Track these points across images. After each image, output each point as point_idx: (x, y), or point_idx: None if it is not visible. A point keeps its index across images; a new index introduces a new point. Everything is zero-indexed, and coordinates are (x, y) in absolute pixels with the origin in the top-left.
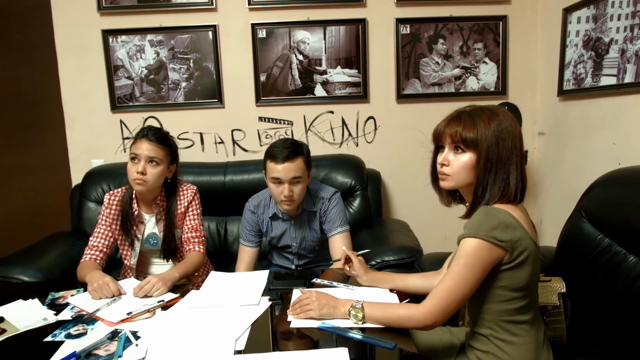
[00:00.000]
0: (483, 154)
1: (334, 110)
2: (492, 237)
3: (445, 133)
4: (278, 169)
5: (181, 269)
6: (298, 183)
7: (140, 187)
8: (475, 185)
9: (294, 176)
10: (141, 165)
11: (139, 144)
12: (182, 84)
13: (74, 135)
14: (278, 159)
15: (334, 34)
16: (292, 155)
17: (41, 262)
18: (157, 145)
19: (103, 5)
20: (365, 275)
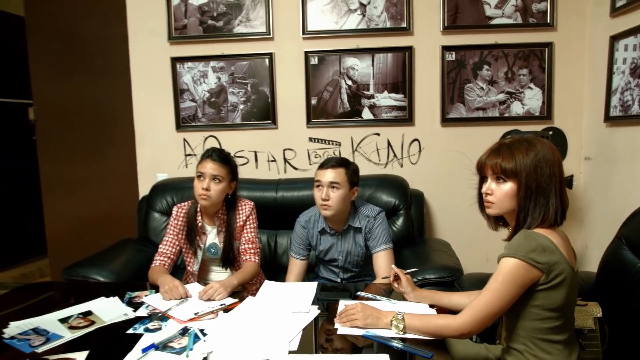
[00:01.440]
0: (523, 182)
1: (380, 133)
2: (530, 259)
3: (487, 165)
4: (320, 174)
5: (239, 277)
6: (336, 189)
7: (205, 202)
8: (517, 212)
9: (332, 181)
10: (206, 183)
11: (204, 163)
12: (240, 106)
13: (142, 151)
14: (323, 167)
15: (381, 60)
16: (336, 164)
17: (113, 265)
18: (220, 165)
19: (173, 36)
20: (413, 293)
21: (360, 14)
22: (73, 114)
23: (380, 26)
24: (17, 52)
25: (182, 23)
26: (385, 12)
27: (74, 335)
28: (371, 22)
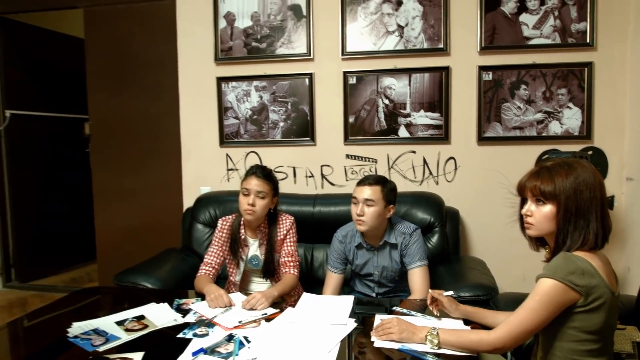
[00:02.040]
0: (562, 205)
1: (416, 150)
2: (568, 281)
3: (526, 187)
4: (357, 190)
5: (279, 288)
6: (371, 206)
7: (250, 216)
8: (556, 234)
9: (367, 198)
10: (251, 198)
11: (249, 180)
12: (280, 123)
13: (187, 165)
14: (361, 184)
15: (418, 80)
16: (373, 182)
17: (159, 273)
18: (264, 181)
19: (219, 57)
20: (457, 310)
21: (398, 36)
22: (124, 128)
23: (418, 47)
24: (76, 71)
25: (227, 45)
26: (422, 34)
27: (130, 337)
28: (409, 43)
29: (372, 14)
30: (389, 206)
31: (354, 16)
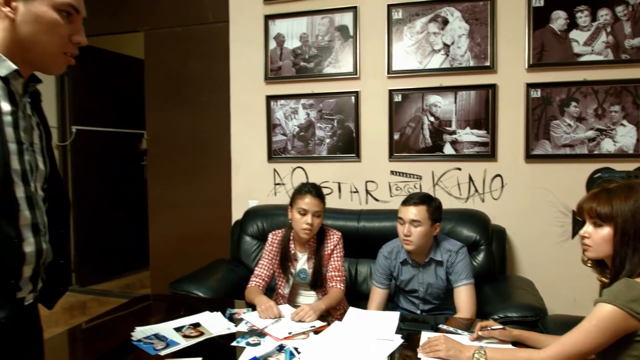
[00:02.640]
0: (619, 228)
1: (461, 167)
2: (629, 308)
3: (584, 208)
4: (402, 210)
5: (326, 302)
6: (417, 226)
7: (307, 235)
8: (613, 257)
9: (413, 219)
10: (309, 218)
11: (306, 200)
12: (326, 140)
13: (237, 179)
14: (405, 204)
15: (464, 98)
16: (418, 202)
17: (210, 282)
18: (320, 201)
19: (268, 76)
20: (511, 334)
21: (444, 54)
22: (178, 143)
23: (464, 65)
24: (136, 89)
25: (277, 65)
26: (468, 52)
27: (188, 344)
28: (454, 61)
29: (418, 33)
30: (435, 224)
31: (399, 36)
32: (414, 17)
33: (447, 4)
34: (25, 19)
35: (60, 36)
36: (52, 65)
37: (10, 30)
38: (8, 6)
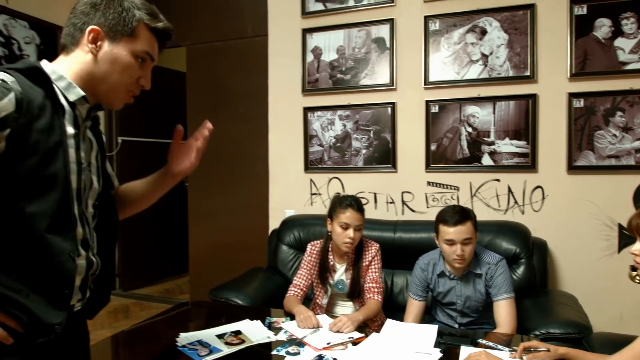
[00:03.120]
0: None
1: (500, 179)
2: None
3: (633, 225)
4: (451, 232)
5: (364, 313)
6: (469, 244)
7: (348, 249)
8: None
9: (466, 237)
10: (351, 232)
11: (347, 213)
12: (362, 151)
13: (274, 189)
14: (450, 223)
15: (503, 108)
16: (463, 219)
17: (248, 290)
18: (361, 215)
19: (306, 89)
20: (557, 353)
21: (482, 64)
22: (217, 153)
23: (503, 75)
24: (177, 101)
25: (314, 77)
26: (507, 62)
27: (230, 351)
28: (493, 71)
29: (456, 43)
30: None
31: (437, 47)
32: (451, 27)
33: (485, 14)
34: (105, 58)
35: (130, 77)
36: (115, 101)
37: (89, 64)
38: (94, 43)
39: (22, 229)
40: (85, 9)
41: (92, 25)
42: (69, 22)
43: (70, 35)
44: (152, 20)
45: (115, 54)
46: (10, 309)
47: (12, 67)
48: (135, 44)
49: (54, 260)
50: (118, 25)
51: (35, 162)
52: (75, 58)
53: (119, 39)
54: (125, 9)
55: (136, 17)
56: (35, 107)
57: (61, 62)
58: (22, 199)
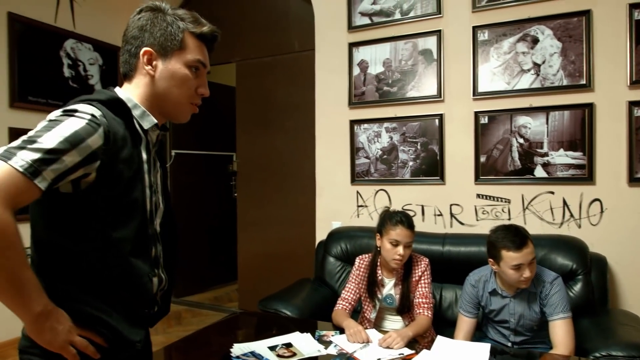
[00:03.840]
0: None
1: (554, 191)
2: None
3: None
4: (518, 257)
5: (414, 329)
6: (533, 262)
7: (397, 265)
8: None
9: (532, 258)
10: (401, 249)
11: (397, 230)
12: (410, 163)
13: (321, 201)
14: (514, 248)
15: (557, 118)
16: (525, 239)
17: (296, 301)
18: (412, 232)
19: (352, 102)
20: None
21: (534, 74)
22: (265, 165)
23: (556, 84)
24: (227, 114)
25: (360, 90)
26: (561, 70)
27: None
28: (546, 80)
29: (506, 53)
30: None
31: (486, 57)
32: (501, 37)
33: (536, 23)
34: (162, 75)
35: (189, 89)
36: (181, 115)
37: (150, 85)
38: (150, 64)
39: (108, 254)
40: (135, 33)
41: (144, 48)
42: (124, 49)
43: (127, 63)
44: (196, 27)
45: (171, 69)
46: (97, 327)
47: (94, 99)
48: (186, 54)
49: (136, 281)
50: (167, 41)
51: (120, 191)
52: (137, 83)
53: (170, 54)
54: (169, 23)
55: (180, 27)
56: (119, 139)
57: (128, 89)
58: (108, 226)
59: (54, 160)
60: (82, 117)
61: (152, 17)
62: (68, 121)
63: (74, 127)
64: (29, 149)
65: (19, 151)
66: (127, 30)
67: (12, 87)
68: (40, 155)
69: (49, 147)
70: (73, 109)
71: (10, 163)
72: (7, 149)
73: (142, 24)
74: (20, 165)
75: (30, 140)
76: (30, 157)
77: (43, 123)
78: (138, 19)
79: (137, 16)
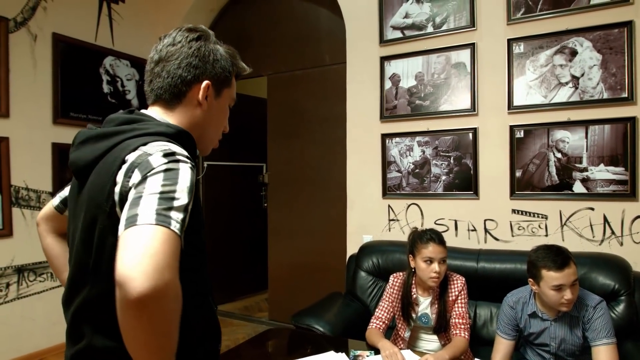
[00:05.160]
0: None
1: (594, 207)
2: None
3: None
4: (559, 276)
5: (450, 351)
6: (575, 284)
7: (435, 283)
8: None
9: (575, 279)
10: (436, 266)
11: (430, 247)
12: (442, 177)
13: (352, 214)
14: (555, 268)
15: (597, 132)
16: (567, 259)
17: (328, 316)
18: (444, 247)
19: (384, 115)
20: None
21: (573, 87)
22: (295, 176)
23: (596, 98)
24: (257, 126)
25: (392, 104)
26: (601, 83)
27: None
28: (585, 93)
29: (542, 66)
30: None
31: (521, 70)
32: (537, 50)
33: (575, 35)
34: (211, 110)
35: (222, 126)
36: (208, 149)
37: (196, 117)
38: (205, 98)
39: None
40: (195, 62)
41: (205, 80)
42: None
43: (176, 88)
44: (241, 65)
45: (220, 106)
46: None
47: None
48: (231, 91)
49: (212, 319)
50: (223, 77)
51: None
52: (183, 112)
53: (222, 90)
54: (225, 59)
55: (233, 65)
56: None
57: (169, 116)
58: (191, 266)
59: (187, 216)
60: (186, 161)
61: (213, 49)
62: (182, 169)
63: (188, 175)
64: (175, 208)
65: (170, 212)
66: (177, 53)
67: (56, 104)
68: (183, 213)
69: (185, 203)
70: (171, 152)
71: (172, 228)
72: (159, 212)
73: (203, 54)
74: (177, 229)
75: (170, 197)
76: (180, 217)
77: (160, 175)
78: (197, 47)
79: (194, 43)
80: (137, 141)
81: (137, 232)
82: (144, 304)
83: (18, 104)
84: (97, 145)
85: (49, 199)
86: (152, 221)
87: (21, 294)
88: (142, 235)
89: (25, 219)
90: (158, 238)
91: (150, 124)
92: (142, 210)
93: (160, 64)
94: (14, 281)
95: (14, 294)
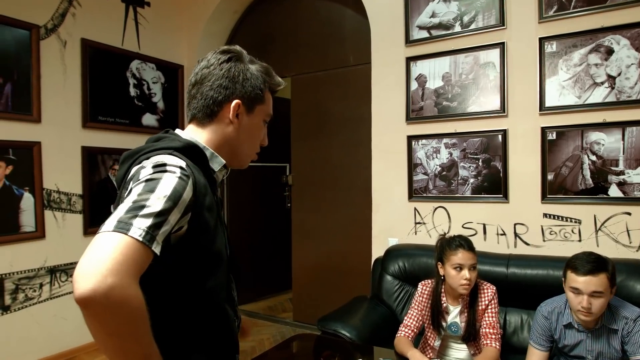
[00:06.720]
0: None
1: (631, 212)
2: None
3: None
4: (579, 281)
5: None
6: (598, 297)
7: (466, 290)
8: None
9: (594, 290)
10: (467, 273)
11: (459, 255)
12: (470, 180)
13: (377, 216)
14: (579, 271)
15: (634, 134)
16: (596, 270)
17: (354, 321)
18: (473, 254)
19: (410, 117)
20: None
21: (608, 87)
22: (319, 177)
23: (634, 98)
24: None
25: (418, 105)
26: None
27: None
28: (622, 94)
29: (576, 65)
30: (612, 288)
31: (554, 69)
32: (570, 49)
33: (611, 32)
34: (244, 128)
35: (258, 140)
36: (244, 163)
37: (228, 134)
38: (236, 117)
39: (205, 303)
40: (225, 83)
41: (235, 100)
42: (204, 94)
43: (208, 108)
44: (274, 81)
45: (253, 122)
46: None
47: (172, 147)
48: (265, 108)
49: (229, 327)
50: (254, 96)
51: (208, 239)
52: (214, 130)
53: (254, 107)
54: (257, 77)
55: (265, 82)
56: (201, 187)
57: (196, 133)
58: (201, 276)
59: (163, 223)
60: (174, 171)
61: (243, 69)
62: (165, 178)
63: (171, 183)
64: (141, 215)
65: (133, 220)
66: (210, 75)
67: (85, 108)
68: (152, 220)
69: (158, 210)
70: (162, 163)
71: (130, 234)
72: (120, 219)
73: (233, 75)
74: (139, 235)
75: (139, 206)
76: (145, 225)
77: (141, 185)
78: (228, 68)
79: (225, 64)
80: (147, 156)
81: (95, 239)
82: (84, 305)
83: (49, 109)
84: (125, 164)
85: (79, 202)
86: (110, 228)
87: (54, 294)
88: (96, 242)
89: (57, 221)
90: (110, 244)
91: (168, 140)
92: (109, 219)
93: (196, 87)
94: (47, 282)
95: (47, 294)
